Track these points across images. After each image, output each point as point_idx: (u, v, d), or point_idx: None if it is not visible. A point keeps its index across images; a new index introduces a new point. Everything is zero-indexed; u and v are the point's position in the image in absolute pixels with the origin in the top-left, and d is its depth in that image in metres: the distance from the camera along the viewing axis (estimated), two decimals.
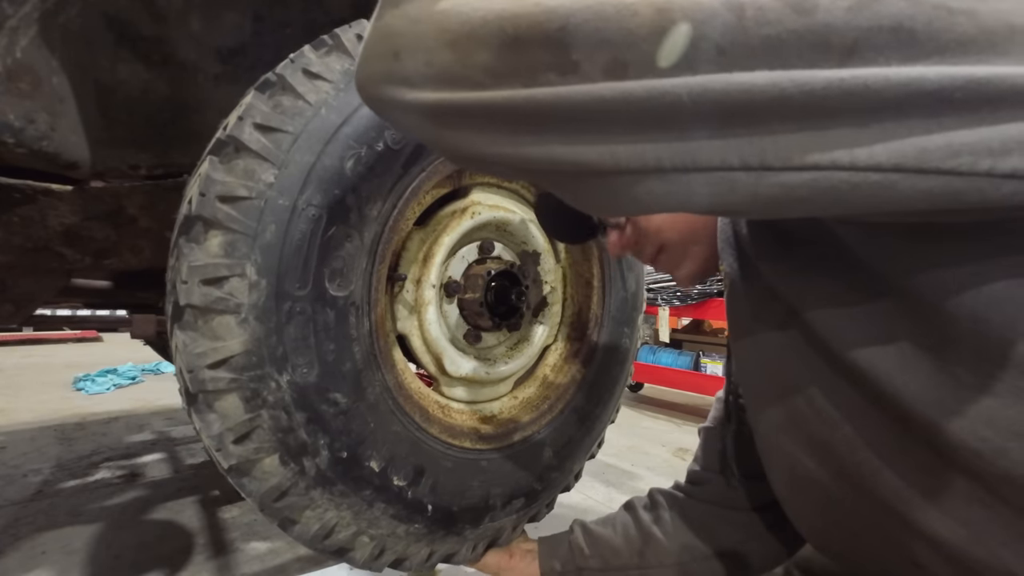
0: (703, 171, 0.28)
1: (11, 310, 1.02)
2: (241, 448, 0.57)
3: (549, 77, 0.28)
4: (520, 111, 0.30)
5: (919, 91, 0.24)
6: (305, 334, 0.59)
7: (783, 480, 0.54)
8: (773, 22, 0.25)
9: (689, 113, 0.26)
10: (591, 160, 0.29)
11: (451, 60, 0.31)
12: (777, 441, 0.51)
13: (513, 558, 0.80)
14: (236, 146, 0.57)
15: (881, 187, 0.26)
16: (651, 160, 0.28)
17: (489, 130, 0.32)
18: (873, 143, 0.25)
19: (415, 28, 0.32)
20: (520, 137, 0.31)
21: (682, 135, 0.27)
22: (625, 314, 1.00)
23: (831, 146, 0.26)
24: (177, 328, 0.56)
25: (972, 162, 0.25)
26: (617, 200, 0.31)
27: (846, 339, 0.39)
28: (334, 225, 0.60)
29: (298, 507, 0.61)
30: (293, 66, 0.61)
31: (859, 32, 0.24)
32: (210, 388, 0.55)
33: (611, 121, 0.28)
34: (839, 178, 0.26)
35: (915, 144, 0.25)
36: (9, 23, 0.63)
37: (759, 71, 0.25)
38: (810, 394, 0.44)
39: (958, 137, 0.24)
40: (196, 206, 0.55)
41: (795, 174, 0.26)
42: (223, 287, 0.55)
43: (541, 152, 0.31)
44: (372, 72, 0.36)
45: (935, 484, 0.37)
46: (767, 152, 0.26)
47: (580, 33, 0.27)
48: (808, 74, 0.25)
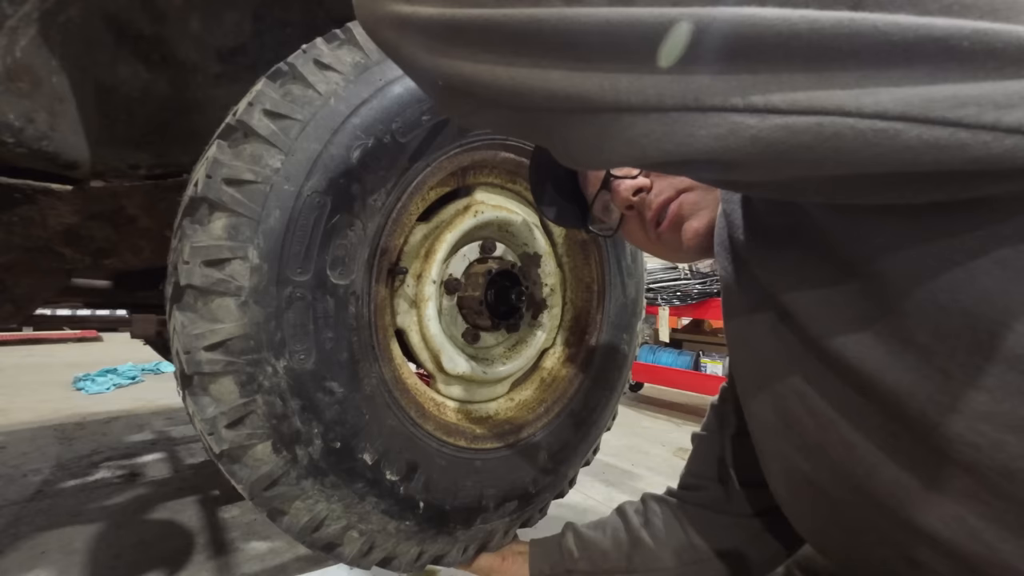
0: (705, 111, 0.26)
1: (11, 310, 1.02)
2: (234, 433, 0.56)
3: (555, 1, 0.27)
4: (521, 32, 0.28)
5: (928, 37, 0.24)
6: (304, 320, 0.59)
7: (780, 481, 0.54)
8: None
9: (696, 45, 0.25)
10: (590, 92, 0.28)
11: None
12: (773, 443, 0.51)
13: (505, 561, 0.80)
14: (245, 131, 0.58)
15: (886, 136, 0.25)
16: (653, 95, 0.27)
17: (487, 52, 0.30)
18: (879, 89, 0.25)
19: None
20: (518, 60, 0.29)
21: (687, 71, 0.26)
22: (624, 320, 1.00)
23: (837, 88, 0.25)
24: (176, 309, 0.56)
25: (977, 113, 0.24)
26: (613, 143, 0.29)
27: (838, 337, 0.39)
28: (338, 214, 0.61)
29: (288, 497, 0.60)
30: (305, 56, 0.62)
31: None
32: (206, 370, 0.55)
33: (615, 48, 0.27)
34: (844, 124, 0.25)
35: (921, 93, 0.24)
36: (9, 23, 0.63)
37: (769, 7, 0.25)
38: (804, 394, 0.44)
39: (964, 89, 0.24)
40: (202, 188, 0.56)
41: (799, 118, 0.26)
42: (224, 269, 0.55)
43: (538, 81, 0.29)
44: None
45: (931, 481, 0.37)
46: (772, 92, 0.25)
47: None
48: (819, 13, 0.24)
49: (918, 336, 0.35)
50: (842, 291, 0.39)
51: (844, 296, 0.39)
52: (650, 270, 3.07)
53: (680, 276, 3.01)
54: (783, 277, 0.44)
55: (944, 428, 0.35)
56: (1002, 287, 0.31)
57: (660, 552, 0.70)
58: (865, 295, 0.37)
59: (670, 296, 2.97)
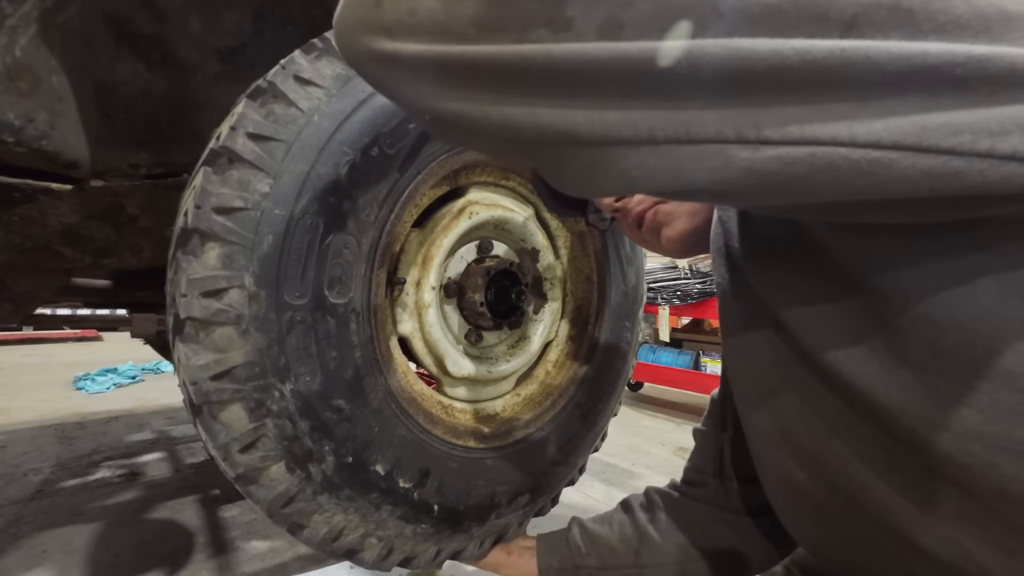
0: (697, 143, 0.26)
1: (11, 309, 1.02)
2: (247, 457, 0.57)
3: (540, 33, 0.27)
4: (507, 69, 0.28)
5: (920, 66, 0.24)
6: (306, 343, 0.59)
7: (777, 491, 0.54)
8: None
9: (685, 79, 0.25)
10: (580, 127, 0.28)
11: (436, 8, 0.29)
12: (769, 453, 0.51)
13: (512, 555, 0.80)
14: (230, 156, 0.57)
15: (880, 165, 0.25)
16: (644, 129, 0.26)
17: (472, 90, 0.30)
18: (873, 119, 0.25)
19: None
20: (505, 98, 0.29)
21: (677, 103, 0.26)
22: (626, 308, 1.00)
23: (830, 119, 0.25)
24: (179, 341, 0.56)
25: (972, 141, 0.24)
26: (605, 175, 0.29)
27: (832, 352, 0.39)
28: (331, 233, 0.60)
29: (306, 512, 0.61)
30: (284, 72, 0.60)
31: (858, 7, 0.24)
32: (214, 399, 0.55)
33: (604, 84, 0.26)
34: (838, 154, 0.25)
35: (915, 122, 0.24)
36: (8, 22, 0.63)
37: (760, 39, 0.24)
38: (799, 407, 0.44)
39: (958, 116, 0.24)
40: (192, 219, 0.55)
41: (793, 148, 0.25)
42: (222, 299, 0.55)
43: (527, 117, 0.29)
44: (351, 19, 0.33)
45: (924, 500, 0.37)
46: (764, 124, 0.25)
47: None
48: (810, 43, 0.24)
49: (912, 353, 0.34)
50: (838, 305, 0.38)
51: (839, 310, 0.38)
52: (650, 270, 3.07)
53: (680, 276, 3.01)
54: (779, 289, 0.44)
55: (935, 447, 0.34)
56: (998, 306, 0.31)
57: (666, 546, 0.70)
58: (861, 310, 0.37)
59: (670, 296, 2.97)
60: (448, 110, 0.32)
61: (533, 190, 0.93)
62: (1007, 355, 0.31)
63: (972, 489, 0.34)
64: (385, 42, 0.31)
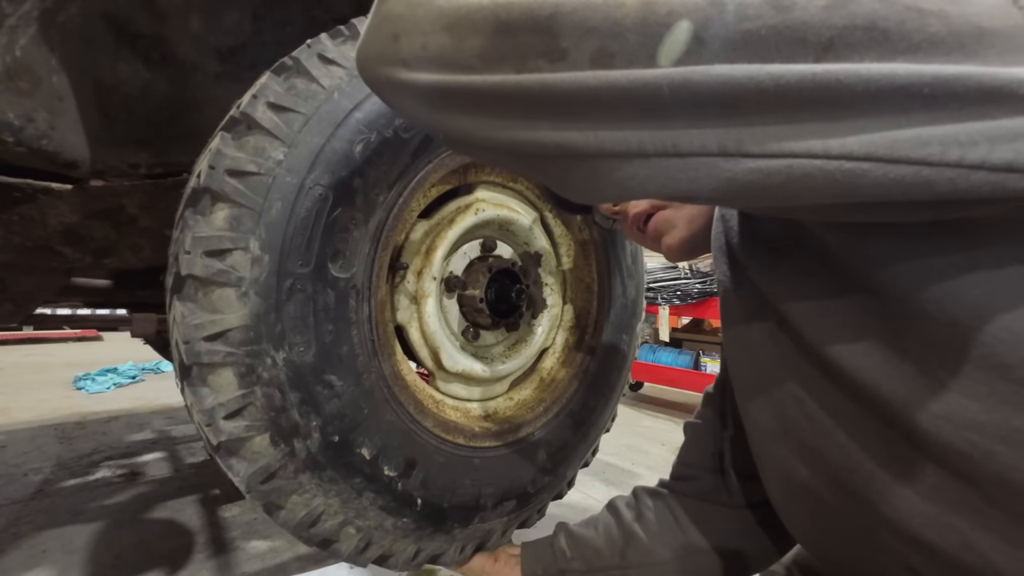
0: (683, 156, 0.29)
1: (11, 309, 1.02)
2: (232, 424, 0.56)
3: (539, 63, 0.30)
4: (509, 97, 0.31)
5: (889, 86, 0.25)
6: (304, 313, 0.59)
7: (778, 488, 0.54)
8: (752, 17, 0.26)
9: (670, 103, 0.27)
10: (577, 144, 0.31)
11: (446, 43, 0.32)
12: (770, 448, 0.51)
13: (497, 562, 0.79)
14: (248, 123, 0.58)
15: (853, 175, 0.27)
16: (634, 144, 0.29)
17: (479, 113, 0.33)
18: (846, 135, 0.26)
19: (414, 12, 0.34)
20: (509, 121, 0.32)
21: (664, 123, 0.28)
22: (624, 320, 1.00)
23: (806, 136, 0.27)
24: (176, 299, 0.56)
25: (941, 152, 0.25)
26: (601, 184, 0.32)
27: (835, 346, 0.39)
28: (339, 207, 0.61)
29: (285, 491, 0.60)
30: (309, 51, 0.62)
31: (835, 30, 0.26)
32: (205, 361, 0.55)
33: (596, 108, 0.29)
34: (813, 165, 0.27)
35: (886, 136, 0.26)
36: (8, 22, 0.63)
37: (738, 64, 0.26)
38: (801, 401, 0.44)
39: (927, 130, 0.26)
40: (204, 179, 0.56)
41: (771, 161, 0.27)
42: (226, 260, 0.55)
43: (529, 136, 0.32)
44: (372, 52, 0.38)
45: (928, 489, 0.37)
46: (744, 140, 0.27)
47: (569, 22, 0.28)
48: (784, 68, 0.26)
49: (912, 347, 0.35)
50: (839, 301, 0.39)
51: (841, 306, 0.39)
52: (650, 269, 3.07)
53: (680, 275, 3.01)
54: (781, 284, 0.44)
55: (937, 438, 0.35)
56: (987, 300, 0.32)
57: (654, 546, 0.70)
58: (861, 306, 0.38)
59: (670, 295, 2.97)
60: (459, 131, 0.36)
61: (540, 195, 0.93)
62: (999, 347, 0.31)
63: (974, 479, 0.35)
64: (402, 72, 0.35)
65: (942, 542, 0.37)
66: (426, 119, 0.37)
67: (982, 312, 0.32)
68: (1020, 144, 0.25)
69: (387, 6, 0.36)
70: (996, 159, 0.25)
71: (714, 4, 0.26)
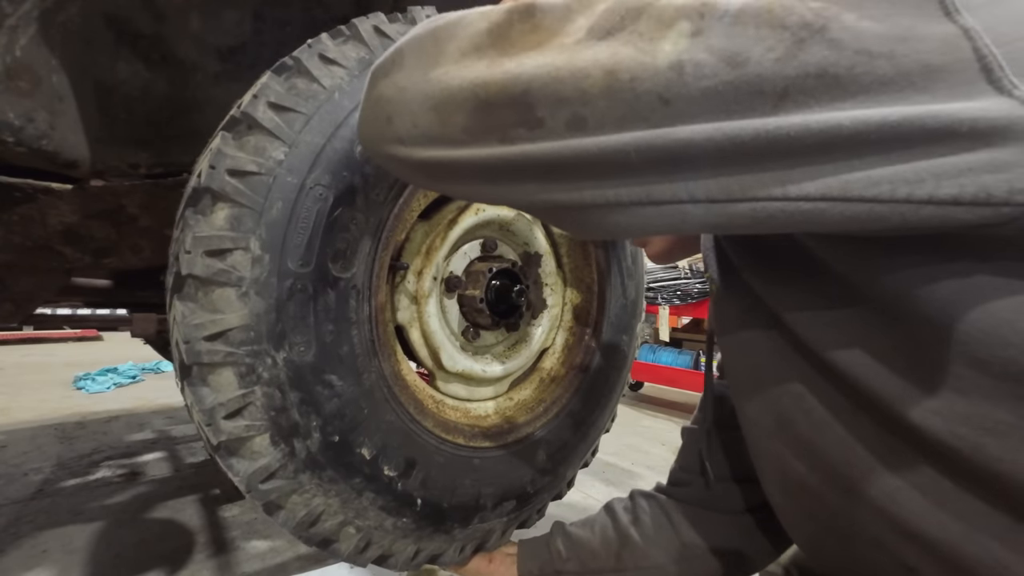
0: (657, 204, 0.32)
1: (11, 309, 1.02)
2: (232, 424, 0.56)
3: (519, 132, 0.33)
4: (496, 166, 0.35)
5: (837, 136, 0.27)
6: (305, 313, 0.59)
7: (775, 485, 0.54)
8: (709, 76, 0.29)
9: (638, 164, 0.31)
10: (561, 200, 0.34)
11: (433, 121, 0.36)
12: (768, 445, 0.51)
13: (492, 563, 0.79)
14: (249, 123, 0.58)
15: (812, 213, 0.29)
16: (612, 198, 0.33)
17: (472, 181, 0.38)
18: (802, 180, 0.29)
19: (402, 95, 0.38)
20: (498, 185, 0.36)
21: (636, 180, 0.32)
22: (624, 321, 1.00)
23: (765, 184, 0.29)
24: (177, 299, 0.56)
25: (891, 190, 0.28)
26: (591, 228, 0.36)
27: (825, 342, 0.40)
28: (340, 207, 0.61)
29: (285, 491, 0.60)
30: (310, 51, 0.62)
31: (788, 80, 0.28)
32: (205, 360, 0.55)
33: (575, 171, 0.33)
34: (775, 207, 0.30)
35: (839, 178, 0.28)
36: (8, 22, 0.63)
37: (699, 121, 0.29)
38: (798, 395, 0.45)
39: (877, 172, 0.28)
40: (205, 178, 0.56)
41: (737, 205, 0.30)
42: (226, 260, 0.55)
43: (519, 193, 0.36)
44: (371, 133, 0.43)
45: (921, 485, 0.38)
46: (711, 189, 0.30)
47: (542, 95, 0.32)
48: (739, 125, 0.28)
49: (901, 345, 0.36)
50: (830, 300, 0.40)
51: (832, 305, 0.40)
52: (650, 269, 3.07)
53: (680, 275, 3.01)
54: (774, 285, 0.45)
55: (927, 432, 0.36)
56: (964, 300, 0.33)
57: (649, 549, 0.70)
58: (852, 305, 0.39)
59: (670, 295, 2.97)
60: (454, 191, 0.43)
61: None
62: (973, 344, 0.33)
63: (965, 473, 0.35)
64: (399, 148, 0.40)
65: (936, 537, 0.38)
66: (425, 184, 0.43)
67: (955, 313, 0.33)
68: (963, 179, 0.27)
69: (377, 91, 0.41)
70: (942, 194, 0.27)
71: (672, 67, 0.29)
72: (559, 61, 0.32)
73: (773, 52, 0.28)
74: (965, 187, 0.27)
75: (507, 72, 0.33)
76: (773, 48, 0.28)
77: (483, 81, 0.33)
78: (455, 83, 0.35)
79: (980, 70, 0.27)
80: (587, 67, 0.31)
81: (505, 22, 0.35)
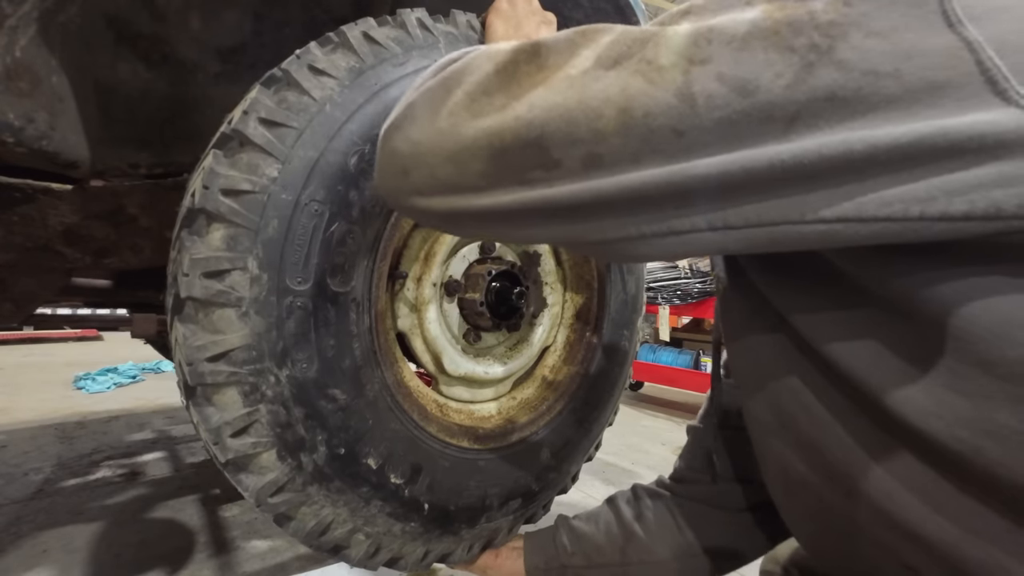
0: (677, 234, 0.33)
1: (11, 309, 1.02)
2: (239, 442, 0.57)
3: (537, 174, 0.34)
4: (517, 210, 0.36)
5: (849, 159, 0.28)
6: (305, 329, 0.59)
7: (777, 483, 0.54)
8: (721, 106, 0.29)
9: (658, 200, 0.32)
10: (584, 235, 0.36)
11: (452, 172, 0.37)
12: (769, 442, 0.52)
13: (499, 557, 0.80)
14: (240, 140, 0.57)
15: (828, 234, 0.30)
16: (633, 231, 0.34)
17: (494, 225, 0.39)
18: (817, 204, 0.30)
19: (416, 149, 0.39)
20: (521, 227, 0.38)
21: (656, 215, 0.33)
22: (624, 317, 1.00)
23: (781, 209, 0.30)
24: (177, 321, 0.56)
25: (904, 209, 0.28)
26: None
27: (829, 341, 0.40)
28: (336, 221, 0.60)
29: (295, 503, 0.61)
30: (299, 62, 0.61)
31: (799, 105, 0.28)
32: (209, 381, 0.55)
33: (595, 211, 0.34)
34: (792, 230, 0.31)
35: (854, 202, 0.29)
36: (8, 22, 0.63)
37: (713, 151, 0.30)
38: (798, 393, 0.45)
39: (889, 192, 0.29)
40: (199, 199, 0.56)
41: (755, 231, 0.31)
42: (224, 280, 0.55)
43: (542, 235, 0.38)
44: (389, 187, 0.43)
45: (924, 484, 0.38)
46: (730, 218, 0.32)
47: (556, 138, 0.33)
48: (753, 154, 0.29)
49: (903, 344, 0.36)
50: (833, 300, 0.40)
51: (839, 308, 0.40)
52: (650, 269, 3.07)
53: (680, 275, 3.01)
54: (780, 289, 0.45)
55: (927, 434, 0.36)
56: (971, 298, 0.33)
57: (653, 545, 0.71)
58: (855, 304, 0.39)
59: (670, 295, 2.97)
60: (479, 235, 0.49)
61: None
62: (980, 345, 0.33)
63: (964, 476, 0.35)
64: (418, 199, 0.40)
65: (935, 538, 0.38)
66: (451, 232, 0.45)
67: (964, 313, 0.33)
68: (974, 195, 0.27)
69: (391, 145, 0.41)
70: (954, 211, 0.28)
71: (684, 99, 0.29)
72: (570, 100, 0.32)
73: (782, 79, 0.28)
74: (976, 203, 0.27)
75: (519, 118, 0.33)
76: (782, 74, 0.28)
77: (497, 130, 0.34)
78: (469, 133, 0.36)
79: (985, 82, 0.27)
80: (599, 107, 0.31)
81: (511, 62, 0.35)
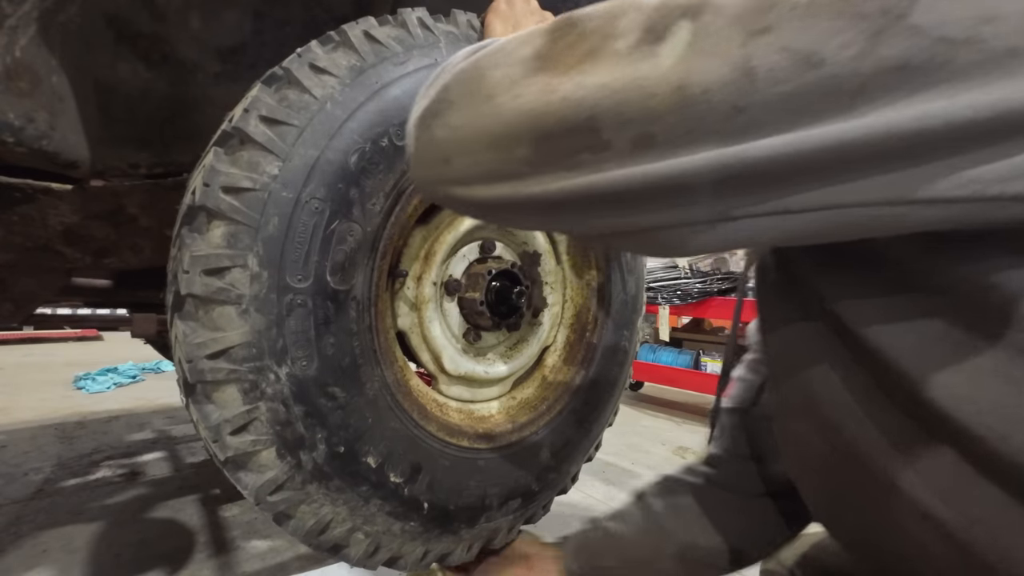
0: (735, 220, 0.31)
1: (11, 309, 1.02)
2: (238, 440, 0.56)
3: (584, 157, 0.32)
4: (563, 198, 0.34)
5: (922, 136, 0.26)
6: (305, 327, 0.59)
7: (797, 466, 0.54)
8: (784, 80, 0.27)
9: (711, 185, 0.30)
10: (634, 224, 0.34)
11: (494, 158, 0.36)
12: (793, 425, 0.52)
13: (533, 571, 0.78)
14: (241, 138, 0.57)
15: (894, 216, 0.29)
16: (687, 219, 0.32)
17: (538, 213, 0.37)
18: (883, 186, 0.28)
19: (457, 135, 0.37)
20: (566, 216, 0.36)
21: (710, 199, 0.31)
22: (625, 317, 1.00)
23: (844, 194, 0.28)
24: (177, 318, 0.56)
25: (981, 189, 0.26)
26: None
27: (873, 327, 0.39)
28: (337, 219, 0.60)
29: (294, 501, 0.61)
30: (300, 60, 0.61)
31: (866, 77, 0.26)
32: (209, 379, 0.55)
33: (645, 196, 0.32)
34: (858, 212, 0.29)
35: (925, 182, 0.27)
36: (8, 22, 0.63)
37: (773, 132, 0.28)
38: (827, 374, 0.44)
39: (966, 174, 0.26)
40: (200, 196, 0.56)
41: (813, 214, 0.30)
42: (225, 278, 0.55)
43: (588, 223, 0.36)
44: (428, 176, 0.42)
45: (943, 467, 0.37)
46: (790, 202, 0.30)
47: (607, 117, 0.31)
48: (817, 133, 0.27)
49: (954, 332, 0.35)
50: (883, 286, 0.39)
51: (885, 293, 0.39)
52: (650, 269, 3.07)
53: (680, 275, 3.01)
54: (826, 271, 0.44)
55: (955, 418, 0.35)
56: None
57: (686, 537, 0.70)
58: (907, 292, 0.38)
59: (670, 295, 2.97)
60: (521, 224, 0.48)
61: None
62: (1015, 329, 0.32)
63: (989, 462, 0.35)
64: (459, 189, 0.39)
65: (952, 521, 0.38)
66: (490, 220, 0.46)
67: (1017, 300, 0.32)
68: None
69: (429, 132, 0.39)
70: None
71: (745, 74, 0.27)
72: (622, 79, 0.30)
73: (849, 49, 0.26)
74: None
75: (567, 98, 0.31)
76: (849, 44, 0.26)
77: (543, 112, 0.32)
78: (512, 115, 0.34)
79: None
80: (653, 86, 0.29)
81: (549, 41, 0.34)
